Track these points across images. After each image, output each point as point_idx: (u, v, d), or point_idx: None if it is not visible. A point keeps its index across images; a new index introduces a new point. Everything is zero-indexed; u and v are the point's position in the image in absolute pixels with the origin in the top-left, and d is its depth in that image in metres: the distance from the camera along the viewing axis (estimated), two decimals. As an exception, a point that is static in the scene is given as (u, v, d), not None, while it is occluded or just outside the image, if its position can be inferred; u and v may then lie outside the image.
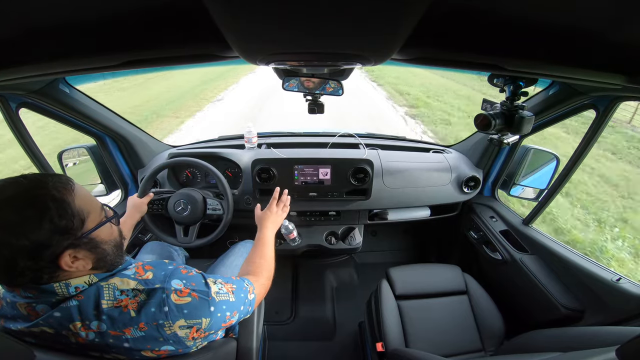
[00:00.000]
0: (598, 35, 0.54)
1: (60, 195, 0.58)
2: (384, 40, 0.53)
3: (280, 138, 1.94)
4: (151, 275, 0.68)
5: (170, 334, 0.65)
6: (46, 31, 0.56)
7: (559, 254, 1.28)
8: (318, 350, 1.70)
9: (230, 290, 0.77)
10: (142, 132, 1.72)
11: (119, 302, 0.63)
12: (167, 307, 0.64)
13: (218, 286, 0.74)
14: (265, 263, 1.03)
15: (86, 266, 0.62)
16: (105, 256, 0.65)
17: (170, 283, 0.67)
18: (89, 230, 0.61)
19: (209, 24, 0.46)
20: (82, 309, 0.61)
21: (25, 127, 1.16)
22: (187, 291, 0.67)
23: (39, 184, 0.57)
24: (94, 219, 0.64)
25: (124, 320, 0.62)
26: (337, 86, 1.19)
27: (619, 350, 0.55)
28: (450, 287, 1.42)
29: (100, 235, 0.64)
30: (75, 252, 0.60)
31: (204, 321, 0.68)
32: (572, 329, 1.02)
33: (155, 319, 0.63)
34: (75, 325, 0.60)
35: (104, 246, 0.65)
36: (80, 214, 0.60)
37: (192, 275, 0.72)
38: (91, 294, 0.62)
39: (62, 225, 0.57)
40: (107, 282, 0.65)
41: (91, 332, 0.61)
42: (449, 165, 1.71)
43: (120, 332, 0.62)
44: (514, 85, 0.95)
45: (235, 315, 0.77)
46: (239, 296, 0.79)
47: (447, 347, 1.24)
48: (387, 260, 2.29)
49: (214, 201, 1.45)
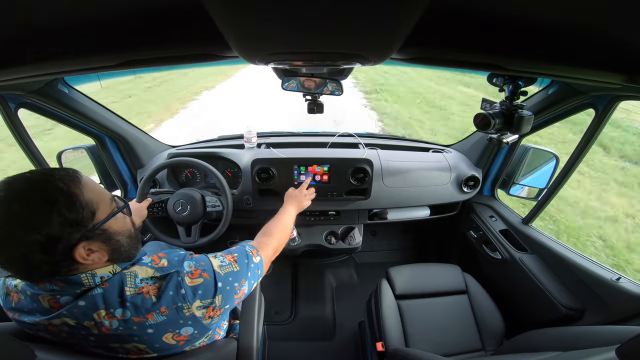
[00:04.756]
0: (597, 35, 0.54)
1: (68, 187, 0.58)
2: (383, 39, 0.53)
3: (279, 138, 1.94)
4: (166, 263, 0.70)
5: (189, 315, 0.67)
6: (45, 31, 0.56)
7: (558, 253, 1.28)
8: (318, 350, 1.70)
9: (233, 259, 0.77)
10: (142, 132, 1.72)
11: (141, 289, 0.64)
12: (183, 290, 0.66)
13: (220, 259, 0.76)
14: (280, 227, 1.07)
15: (102, 258, 0.63)
16: (120, 247, 0.66)
17: (183, 266, 0.69)
18: (100, 221, 0.62)
19: (208, 24, 0.46)
20: (107, 296, 0.62)
21: (24, 127, 1.16)
22: (197, 272, 0.70)
23: (46, 178, 0.58)
24: (105, 210, 0.64)
25: (147, 306, 0.63)
26: (336, 87, 1.19)
27: (619, 350, 0.55)
28: (450, 286, 1.42)
29: (112, 227, 0.65)
30: (89, 244, 0.60)
31: (217, 299, 0.70)
32: (572, 328, 1.02)
33: (175, 302, 0.65)
34: (100, 314, 0.61)
35: (117, 237, 0.66)
36: (89, 206, 0.60)
37: (198, 256, 0.75)
38: (115, 282, 0.63)
39: (71, 218, 0.57)
40: (129, 270, 0.66)
41: (115, 320, 0.62)
42: (449, 164, 1.71)
43: (143, 319, 0.63)
44: (513, 85, 0.95)
45: (244, 284, 0.77)
46: (243, 262, 0.79)
47: (447, 346, 1.24)
48: (386, 260, 2.29)
49: (212, 198, 1.45)
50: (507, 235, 1.56)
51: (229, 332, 1.08)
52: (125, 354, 0.69)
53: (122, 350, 0.68)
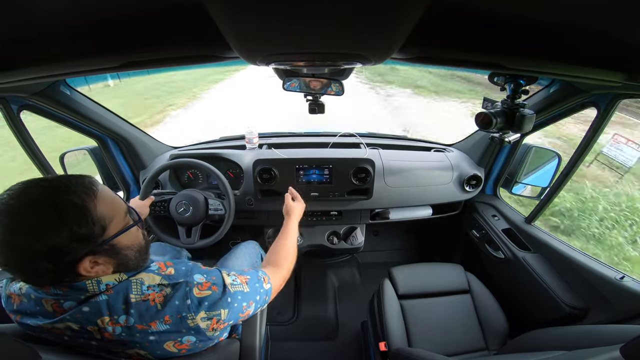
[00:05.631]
0: (598, 33, 0.54)
1: (82, 201, 0.57)
2: (384, 39, 0.52)
3: (281, 138, 1.94)
4: (173, 271, 0.69)
5: (193, 326, 0.66)
6: (47, 33, 0.57)
7: (561, 252, 1.27)
8: (321, 350, 1.70)
9: (244, 281, 0.78)
10: (144, 134, 1.73)
11: (147, 297, 0.64)
12: (189, 300, 0.66)
13: (232, 278, 0.76)
14: (288, 253, 1.06)
15: (106, 271, 0.63)
16: (127, 261, 0.66)
17: (193, 277, 0.69)
18: (110, 236, 0.61)
19: (209, 25, 0.46)
20: (111, 303, 0.61)
21: (27, 129, 1.17)
22: (207, 285, 0.69)
23: (61, 189, 0.57)
24: (117, 224, 0.63)
25: (151, 314, 0.63)
26: (339, 88, 1.19)
27: (624, 349, 0.54)
28: (452, 286, 1.42)
29: (122, 241, 0.64)
30: (95, 258, 0.60)
31: (222, 312, 0.70)
32: (576, 327, 1.02)
33: (179, 311, 0.65)
34: (104, 320, 0.61)
35: (125, 252, 0.65)
36: (101, 221, 0.59)
37: (210, 269, 0.75)
38: (121, 289, 0.63)
39: (81, 233, 0.56)
40: (134, 277, 0.66)
41: (118, 326, 0.62)
42: (451, 164, 1.71)
43: (146, 326, 0.63)
44: (514, 84, 0.95)
45: (251, 305, 0.78)
46: (254, 286, 0.79)
47: (450, 346, 1.23)
48: (389, 260, 2.29)
49: (215, 201, 1.45)
50: (509, 235, 1.56)
51: (231, 332, 1.08)
52: (127, 358, 0.69)
53: (124, 355, 0.68)
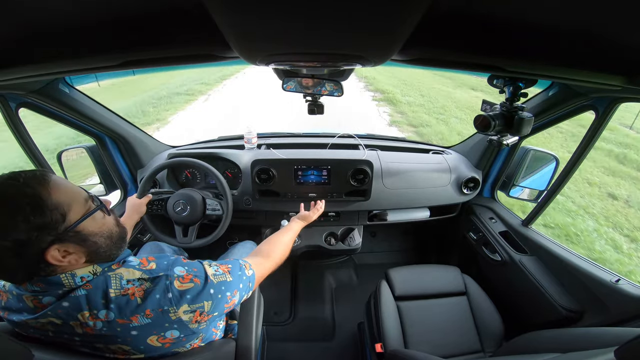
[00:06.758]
0: (598, 36, 0.54)
1: (33, 190, 0.56)
2: (384, 41, 0.53)
3: (279, 139, 1.94)
4: (155, 266, 0.69)
5: (175, 319, 0.66)
6: (46, 31, 0.56)
7: (558, 255, 1.28)
8: (317, 351, 1.70)
9: (227, 270, 0.77)
10: (142, 133, 1.72)
11: (126, 291, 0.63)
12: (170, 294, 0.65)
13: (214, 268, 0.75)
14: (281, 248, 1.07)
15: (79, 260, 0.62)
16: (98, 248, 0.64)
17: (173, 270, 0.69)
18: (72, 223, 0.60)
19: (209, 24, 0.46)
20: (90, 298, 0.61)
21: (25, 126, 1.16)
22: (189, 277, 0.69)
23: (10, 182, 0.56)
24: (78, 211, 0.61)
25: (131, 308, 0.63)
26: (335, 88, 1.19)
27: (618, 351, 0.54)
28: (449, 288, 1.42)
29: (88, 228, 0.62)
30: (63, 246, 0.59)
31: (205, 304, 0.69)
32: (571, 330, 1.02)
33: (161, 305, 0.64)
34: (84, 315, 0.61)
35: (94, 238, 0.63)
36: (59, 208, 0.58)
37: (192, 262, 0.74)
38: (99, 283, 0.63)
39: (38, 222, 0.55)
40: (114, 272, 0.65)
41: (99, 321, 0.62)
42: (449, 166, 1.71)
43: (127, 320, 0.63)
44: (513, 86, 0.95)
45: (236, 295, 0.77)
46: (236, 274, 0.79)
47: (446, 348, 1.23)
48: (386, 261, 2.29)
49: (213, 201, 1.45)
50: (506, 237, 1.56)
51: (227, 332, 1.08)
52: (111, 354, 0.68)
53: (108, 350, 0.67)
